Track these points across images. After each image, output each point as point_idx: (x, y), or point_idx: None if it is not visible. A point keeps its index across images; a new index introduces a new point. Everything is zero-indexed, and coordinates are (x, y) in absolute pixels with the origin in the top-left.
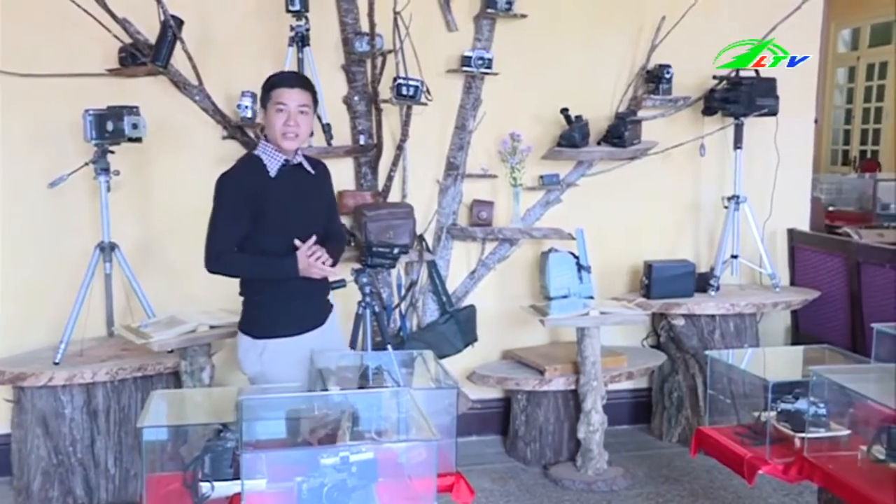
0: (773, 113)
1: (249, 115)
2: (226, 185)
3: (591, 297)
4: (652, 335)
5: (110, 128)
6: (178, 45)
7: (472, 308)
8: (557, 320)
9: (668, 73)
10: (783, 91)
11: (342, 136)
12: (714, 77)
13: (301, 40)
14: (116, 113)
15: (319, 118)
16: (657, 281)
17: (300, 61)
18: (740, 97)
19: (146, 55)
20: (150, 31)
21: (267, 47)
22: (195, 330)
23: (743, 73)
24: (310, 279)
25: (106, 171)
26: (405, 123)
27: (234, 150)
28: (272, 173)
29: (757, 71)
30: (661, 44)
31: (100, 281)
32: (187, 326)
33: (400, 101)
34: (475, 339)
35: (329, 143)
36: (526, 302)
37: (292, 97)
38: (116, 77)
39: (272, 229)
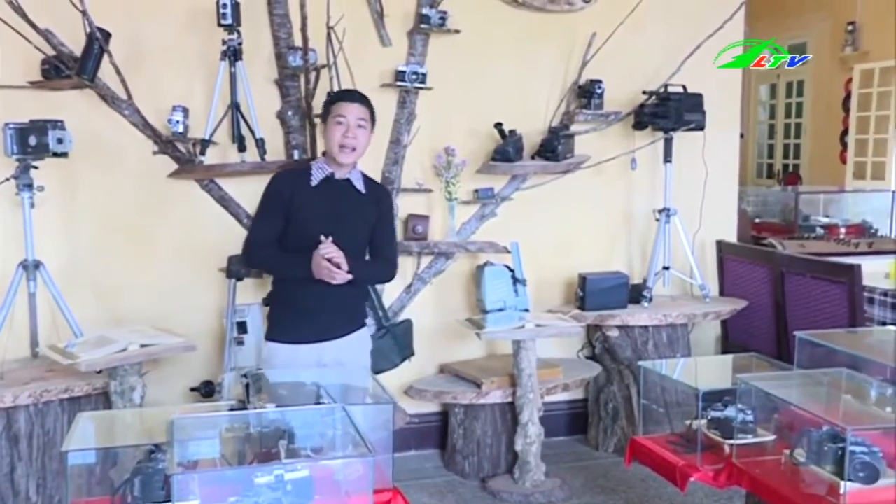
0: (701, 127)
1: (181, 129)
2: (270, 183)
3: (527, 310)
4: (587, 347)
5: (33, 142)
6: (106, 58)
7: (408, 322)
8: (493, 333)
9: (599, 88)
10: (710, 106)
11: (276, 150)
12: (644, 92)
13: (233, 54)
14: (39, 127)
15: (253, 133)
16: (591, 293)
17: (232, 76)
18: (669, 112)
19: (71, 68)
20: (75, 44)
21: (199, 61)
22: (126, 349)
23: (671, 89)
24: (326, 293)
25: (29, 186)
26: None
27: (165, 166)
28: (313, 182)
29: (684, 87)
30: (592, 59)
31: (23, 300)
32: (117, 346)
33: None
34: (412, 354)
35: (262, 159)
36: (462, 315)
37: (352, 110)
38: (40, 90)
39: (295, 233)
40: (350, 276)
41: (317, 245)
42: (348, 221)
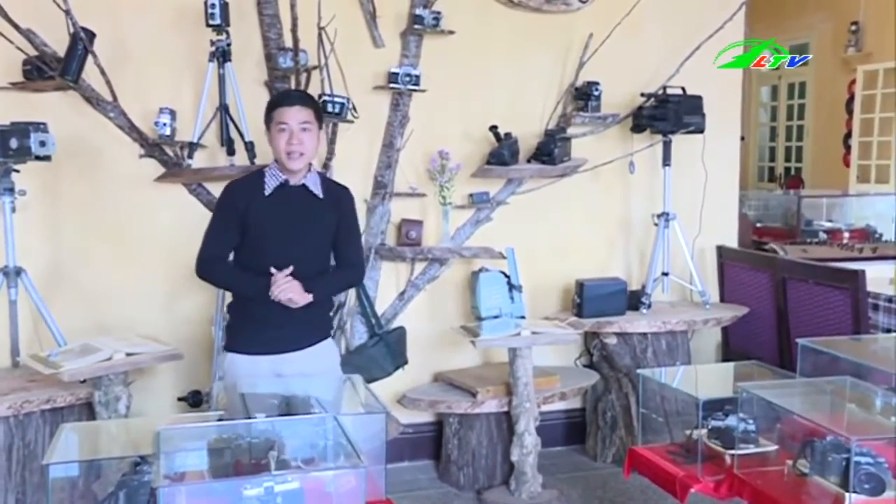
0: (700, 130)
1: (168, 132)
2: (222, 195)
3: (523, 317)
4: (585, 354)
5: (14, 145)
6: (90, 58)
7: (401, 330)
8: (489, 341)
9: (596, 90)
10: (709, 109)
11: (265, 154)
12: (642, 94)
13: (222, 55)
14: (21, 129)
15: (242, 136)
16: (589, 299)
17: (221, 77)
18: (668, 114)
19: (54, 69)
20: (58, 44)
21: (186, 62)
22: (110, 358)
23: (670, 91)
24: (287, 306)
25: (10, 190)
26: (331, 141)
27: (152, 170)
28: (267, 191)
29: (683, 89)
30: (589, 61)
31: (3, 308)
32: (102, 354)
33: (325, 119)
34: (405, 362)
35: (252, 162)
36: (457, 323)
37: (293, 115)
38: (21, 91)
39: (252, 245)
40: (310, 298)
41: (273, 262)
42: (307, 231)
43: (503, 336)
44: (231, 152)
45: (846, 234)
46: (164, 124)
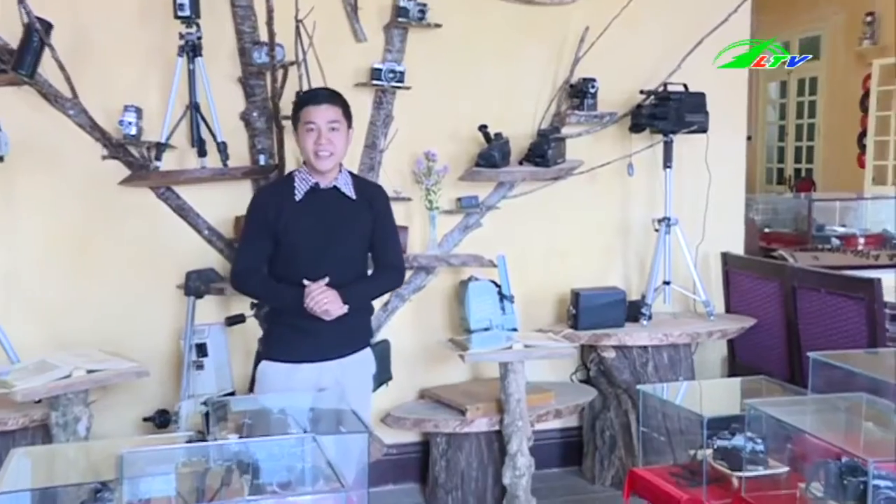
0: (704, 130)
1: (133, 131)
2: (251, 205)
3: (515, 329)
4: (581, 369)
5: None
6: (47, 51)
7: (385, 343)
8: (479, 355)
9: (592, 87)
10: (713, 107)
11: (239, 156)
12: (641, 91)
13: (192, 50)
14: None
15: (214, 136)
16: (585, 310)
17: (191, 73)
18: (669, 113)
19: (7, 62)
20: (11, 35)
21: (153, 57)
22: (70, 375)
23: (671, 88)
24: None
25: None
26: None
27: (116, 172)
28: (298, 196)
29: (685, 85)
30: (584, 56)
31: None
32: (60, 372)
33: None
34: (389, 378)
35: (224, 164)
36: (444, 335)
37: (321, 115)
38: None
39: (285, 254)
40: (345, 310)
41: (308, 270)
42: (342, 235)
43: (494, 350)
44: (202, 153)
45: (861, 240)
46: (130, 123)
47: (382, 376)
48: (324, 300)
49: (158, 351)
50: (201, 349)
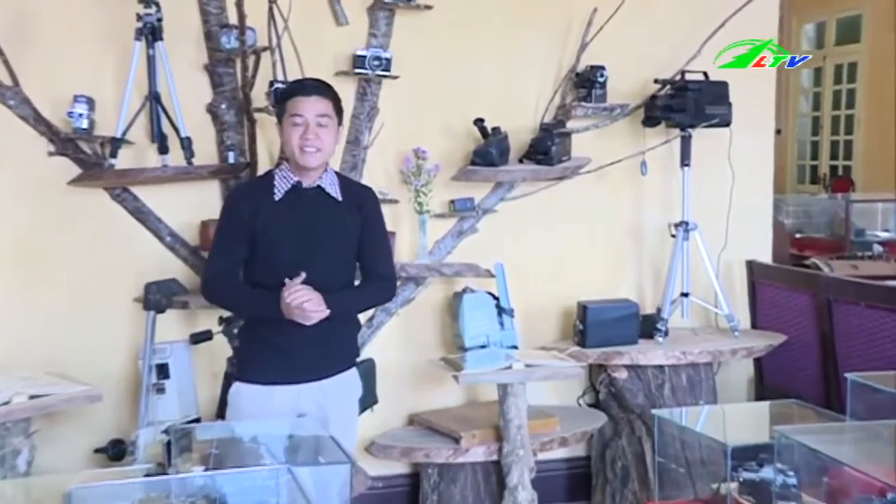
0: (726, 123)
1: (85, 125)
2: (225, 204)
3: (515, 347)
4: (589, 392)
5: None
6: None
7: (370, 363)
8: (474, 376)
9: (601, 75)
10: (737, 97)
11: (206, 153)
12: (655, 81)
13: (151, 33)
14: None
15: (177, 130)
16: (594, 325)
17: (151, 59)
18: (686, 105)
19: None
20: None
21: (107, 41)
22: (9, 402)
23: (689, 77)
24: (306, 327)
25: None
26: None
27: (64, 170)
28: (277, 195)
29: (705, 73)
30: (592, 41)
31: None
32: None
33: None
34: (374, 402)
35: (189, 162)
36: (436, 354)
37: (310, 107)
38: None
39: (262, 259)
40: (327, 313)
41: (288, 277)
42: (325, 239)
43: (491, 370)
44: (164, 150)
45: None
46: (80, 115)
47: (367, 400)
48: (302, 296)
49: (113, 373)
50: (162, 370)
